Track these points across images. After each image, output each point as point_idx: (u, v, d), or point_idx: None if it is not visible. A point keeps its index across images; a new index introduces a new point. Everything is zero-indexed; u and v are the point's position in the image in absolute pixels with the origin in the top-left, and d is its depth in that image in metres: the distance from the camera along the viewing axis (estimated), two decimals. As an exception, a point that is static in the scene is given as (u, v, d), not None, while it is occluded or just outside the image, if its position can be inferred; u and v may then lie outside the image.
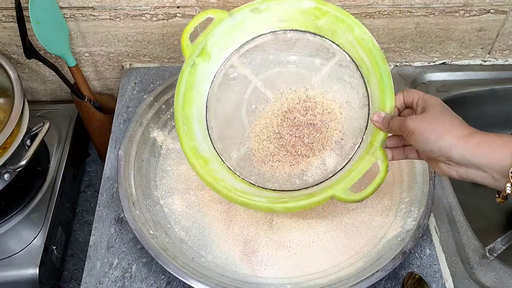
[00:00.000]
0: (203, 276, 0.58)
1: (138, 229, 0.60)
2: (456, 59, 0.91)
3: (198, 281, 0.56)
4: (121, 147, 0.68)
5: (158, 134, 0.75)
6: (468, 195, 0.85)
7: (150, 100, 0.74)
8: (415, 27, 0.84)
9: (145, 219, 0.63)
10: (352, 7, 0.80)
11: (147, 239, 0.59)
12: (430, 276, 0.62)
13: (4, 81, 0.73)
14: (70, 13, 0.80)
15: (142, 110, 0.73)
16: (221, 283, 0.57)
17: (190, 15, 0.80)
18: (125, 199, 0.63)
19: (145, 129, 0.73)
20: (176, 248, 0.62)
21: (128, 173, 0.67)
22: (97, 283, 0.61)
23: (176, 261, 0.58)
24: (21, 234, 0.74)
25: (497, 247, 0.63)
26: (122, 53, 0.87)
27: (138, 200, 0.65)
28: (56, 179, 0.81)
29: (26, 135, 0.71)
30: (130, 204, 0.63)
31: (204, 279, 0.57)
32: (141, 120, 0.72)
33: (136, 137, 0.71)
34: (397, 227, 0.64)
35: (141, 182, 0.68)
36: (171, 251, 0.60)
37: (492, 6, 0.81)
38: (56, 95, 0.97)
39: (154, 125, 0.74)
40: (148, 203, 0.67)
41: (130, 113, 0.80)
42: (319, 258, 0.63)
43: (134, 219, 0.61)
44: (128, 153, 0.68)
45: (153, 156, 0.73)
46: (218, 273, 0.60)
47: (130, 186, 0.66)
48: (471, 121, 0.98)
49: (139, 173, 0.69)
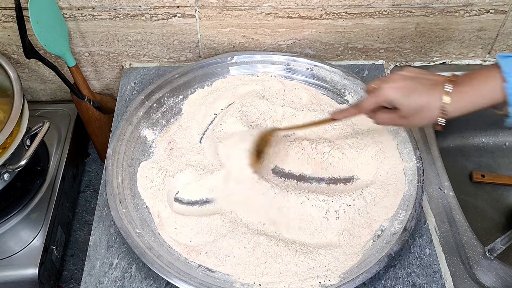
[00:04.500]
0: (188, 275, 0.57)
1: (124, 227, 0.60)
2: (456, 59, 0.91)
3: (182, 280, 0.56)
4: (110, 145, 0.68)
5: (149, 133, 0.74)
6: (468, 195, 0.85)
7: (141, 98, 0.74)
8: (415, 27, 0.84)
9: (131, 217, 0.63)
10: (352, 7, 0.80)
11: (132, 238, 0.59)
12: (430, 276, 0.62)
13: (4, 81, 0.73)
14: (69, 13, 0.79)
15: (133, 108, 0.73)
16: (205, 283, 0.57)
17: (190, 15, 0.80)
18: (111, 197, 0.63)
19: (135, 128, 0.72)
20: (162, 247, 0.62)
21: (117, 172, 0.67)
22: (97, 283, 0.61)
23: (161, 260, 0.58)
24: (21, 234, 0.74)
25: (497, 247, 0.63)
26: (121, 53, 0.87)
27: (125, 199, 0.65)
28: (56, 179, 0.81)
29: (26, 135, 0.71)
30: (117, 202, 0.63)
31: (188, 278, 0.56)
32: (131, 118, 0.72)
33: (125, 135, 0.71)
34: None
35: (130, 181, 0.68)
36: (156, 250, 0.60)
37: (492, 6, 0.81)
38: (56, 95, 0.97)
39: (144, 123, 0.74)
40: (136, 201, 0.66)
41: (130, 113, 0.80)
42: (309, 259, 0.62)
43: (120, 217, 0.61)
44: (117, 151, 0.68)
45: (142, 155, 0.72)
46: (203, 273, 0.60)
47: (118, 184, 0.66)
48: (471, 121, 0.99)
49: (128, 171, 0.69)
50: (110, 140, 0.70)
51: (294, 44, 0.87)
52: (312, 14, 0.81)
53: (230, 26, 0.83)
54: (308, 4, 0.79)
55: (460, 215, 0.68)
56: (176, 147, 0.74)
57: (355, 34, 0.85)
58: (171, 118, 0.77)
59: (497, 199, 0.86)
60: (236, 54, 0.82)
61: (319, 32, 0.84)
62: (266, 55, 0.82)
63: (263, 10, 0.80)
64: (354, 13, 0.81)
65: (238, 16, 0.81)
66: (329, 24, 0.83)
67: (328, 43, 0.86)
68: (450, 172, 0.87)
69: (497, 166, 0.90)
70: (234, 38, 0.85)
